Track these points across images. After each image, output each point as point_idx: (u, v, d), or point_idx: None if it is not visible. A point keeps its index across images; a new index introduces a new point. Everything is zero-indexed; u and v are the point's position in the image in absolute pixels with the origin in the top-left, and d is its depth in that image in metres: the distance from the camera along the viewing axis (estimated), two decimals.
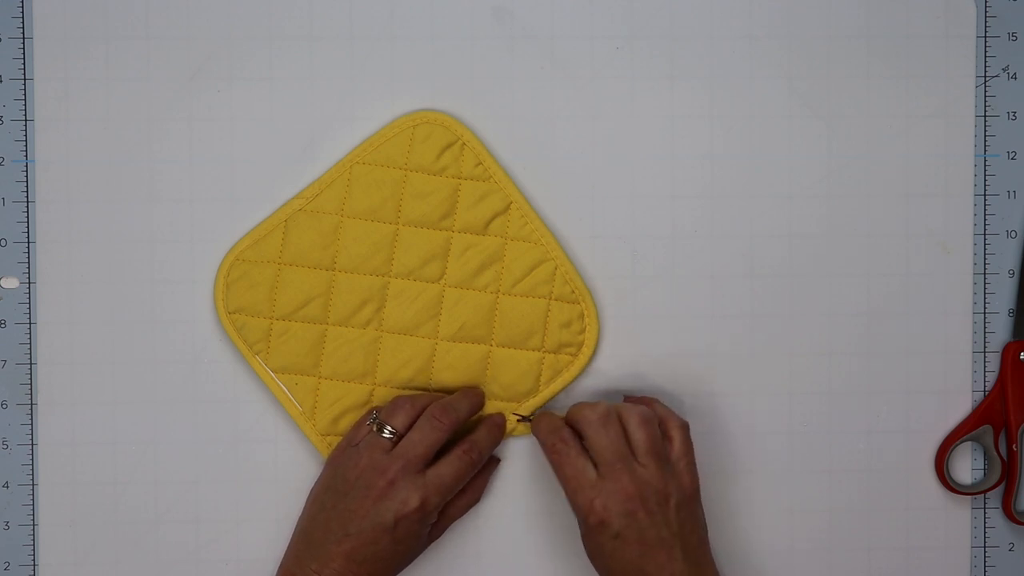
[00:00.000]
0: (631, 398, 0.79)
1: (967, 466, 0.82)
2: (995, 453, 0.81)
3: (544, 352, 0.79)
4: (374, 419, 0.75)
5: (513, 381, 0.78)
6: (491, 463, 0.79)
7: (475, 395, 0.78)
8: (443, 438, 0.74)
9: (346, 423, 0.78)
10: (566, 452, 0.73)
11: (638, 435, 0.73)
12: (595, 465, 0.72)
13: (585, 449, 0.73)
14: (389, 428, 0.74)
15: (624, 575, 0.71)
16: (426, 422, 0.74)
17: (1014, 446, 0.81)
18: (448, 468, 0.74)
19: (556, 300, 0.78)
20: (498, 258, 0.78)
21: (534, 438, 0.77)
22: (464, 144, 0.78)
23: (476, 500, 0.78)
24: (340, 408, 0.78)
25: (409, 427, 0.74)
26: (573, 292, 0.78)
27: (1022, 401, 0.80)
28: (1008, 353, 0.81)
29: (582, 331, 0.79)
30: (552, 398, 0.79)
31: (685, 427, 0.75)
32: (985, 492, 0.81)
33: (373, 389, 0.78)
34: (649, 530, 0.71)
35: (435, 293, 0.78)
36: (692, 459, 0.74)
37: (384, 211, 0.78)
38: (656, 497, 0.71)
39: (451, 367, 0.78)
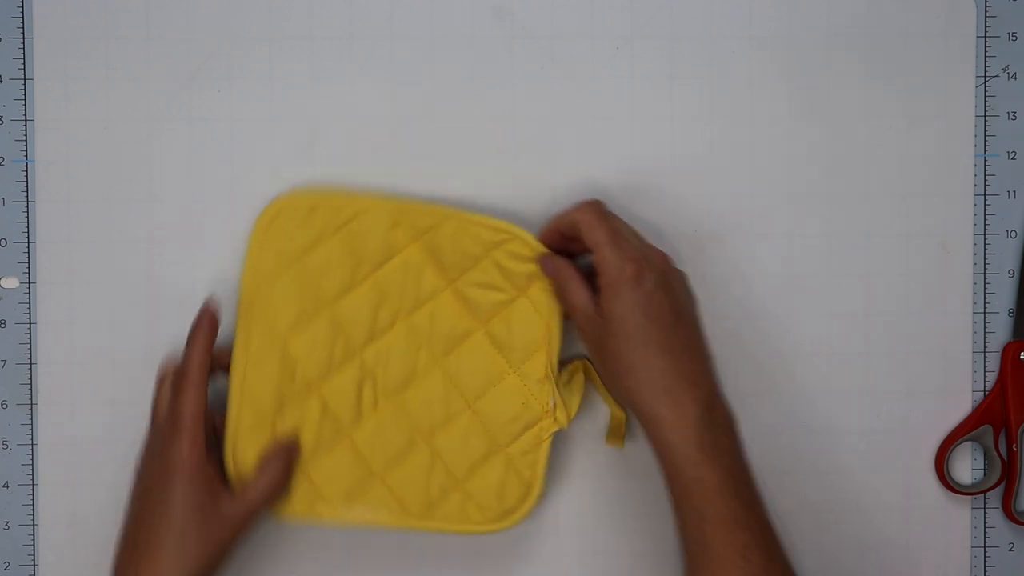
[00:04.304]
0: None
1: (967, 466, 0.82)
2: (995, 453, 0.81)
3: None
4: None
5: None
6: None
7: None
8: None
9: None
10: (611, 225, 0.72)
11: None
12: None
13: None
14: None
15: (648, 338, 0.69)
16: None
17: (1014, 446, 0.81)
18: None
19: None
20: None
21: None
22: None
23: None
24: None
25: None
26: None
27: (1022, 401, 0.80)
28: (1008, 353, 0.81)
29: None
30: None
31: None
32: (985, 492, 0.81)
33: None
34: (671, 293, 0.71)
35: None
36: None
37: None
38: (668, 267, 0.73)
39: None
